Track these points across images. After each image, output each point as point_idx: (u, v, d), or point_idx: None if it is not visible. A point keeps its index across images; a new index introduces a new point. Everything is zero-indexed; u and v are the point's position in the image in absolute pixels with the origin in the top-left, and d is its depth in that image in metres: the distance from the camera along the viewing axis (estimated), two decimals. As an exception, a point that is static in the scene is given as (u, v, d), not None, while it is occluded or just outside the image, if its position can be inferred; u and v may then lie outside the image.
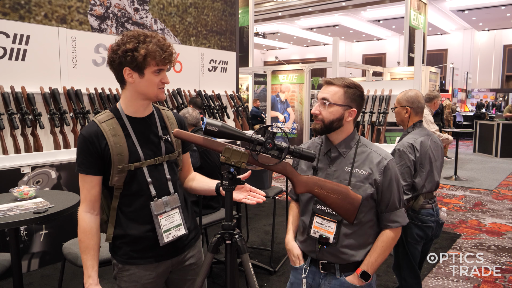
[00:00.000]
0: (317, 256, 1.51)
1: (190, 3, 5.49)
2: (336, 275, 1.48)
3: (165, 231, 1.42)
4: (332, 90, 1.45)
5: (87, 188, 1.37)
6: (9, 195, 2.30)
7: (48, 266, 3.31)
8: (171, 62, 1.39)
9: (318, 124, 1.47)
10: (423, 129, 2.37)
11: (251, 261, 1.45)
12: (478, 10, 15.51)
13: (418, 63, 4.14)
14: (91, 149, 1.34)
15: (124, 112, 1.42)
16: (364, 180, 1.44)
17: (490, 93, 19.09)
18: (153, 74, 1.35)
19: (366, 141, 1.53)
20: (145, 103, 1.43)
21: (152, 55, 1.32)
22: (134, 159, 1.38)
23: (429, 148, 2.28)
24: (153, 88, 1.37)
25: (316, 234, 1.47)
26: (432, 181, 2.27)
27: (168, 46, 1.37)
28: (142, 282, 1.44)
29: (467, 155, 10.13)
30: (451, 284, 3.10)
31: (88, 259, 1.37)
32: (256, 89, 9.82)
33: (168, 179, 1.46)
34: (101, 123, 1.37)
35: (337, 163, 1.48)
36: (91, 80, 3.75)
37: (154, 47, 1.33)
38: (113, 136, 1.36)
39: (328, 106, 1.44)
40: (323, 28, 19.07)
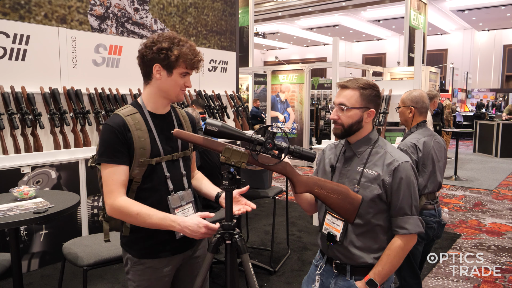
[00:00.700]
0: (328, 254, 1.53)
1: (190, 3, 5.49)
2: (347, 277, 1.47)
3: None
4: (348, 94, 1.46)
5: (117, 176, 1.36)
6: (9, 195, 2.30)
7: (48, 266, 3.31)
8: (198, 68, 1.46)
9: (338, 129, 1.48)
10: (426, 129, 2.35)
11: (251, 261, 1.45)
12: (478, 10, 15.51)
13: (418, 63, 4.14)
14: (120, 138, 1.37)
15: (146, 108, 1.46)
16: (372, 180, 1.42)
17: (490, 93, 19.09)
18: (180, 75, 1.42)
19: (384, 142, 1.51)
20: (165, 102, 1.48)
21: (184, 58, 1.40)
22: (154, 153, 1.43)
23: (432, 148, 2.27)
24: (176, 89, 1.43)
25: (326, 231, 1.49)
26: (434, 181, 2.26)
27: (198, 53, 1.44)
28: (156, 275, 1.48)
29: (467, 155, 10.13)
30: (451, 284, 3.10)
31: (157, 214, 1.35)
32: (256, 89, 9.82)
33: (183, 175, 1.52)
34: (126, 116, 1.41)
35: (351, 162, 1.50)
36: (91, 80, 3.75)
37: (187, 51, 1.40)
38: (137, 130, 1.40)
39: (346, 110, 1.45)
40: (323, 28, 19.07)
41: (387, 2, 13.85)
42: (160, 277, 1.49)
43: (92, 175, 3.52)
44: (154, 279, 1.48)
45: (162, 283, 1.51)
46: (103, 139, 1.38)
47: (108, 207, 1.37)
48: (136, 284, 1.49)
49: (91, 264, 2.05)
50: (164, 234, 1.45)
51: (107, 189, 1.37)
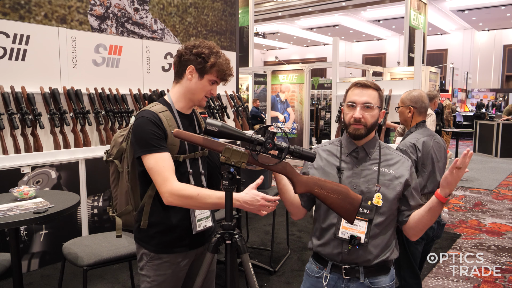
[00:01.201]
0: (342, 259, 1.46)
1: (190, 3, 5.49)
2: (360, 279, 1.45)
3: (198, 220, 1.53)
4: (371, 93, 1.47)
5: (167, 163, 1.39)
6: (9, 195, 2.30)
7: (48, 266, 3.31)
8: (227, 81, 1.54)
9: (361, 129, 1.46)
10: (426, 129, 2.36)
11: (251, 261, 1.45)
12: (478, 10, 15.51)
13: (418, 63, 4.13)
14: (159, 128, 1.42)
15: (175, 107, 1.53)
16: (392, 178, 1.46)
17: (490, 93, 19.09)
18: (209, 82, 1.50)
19: (385, 144, 1.58)
20: (189, 103, 1.55)
21: (218, 67, 1.48)
22: (181, 150, 1.50)
23: (432, 148, 2.28)
24: (201, 93, 1.51)
25: (346, 234, 1.44)
26: (434, 181, 2.26)
27: (231, 68, 1.54)
28: (172, 270, 1.51)
29: (467, 155, 10.11)
30: (451, 284, 3.10)
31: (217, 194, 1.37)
32: (256, 89, 9.81)
33: (202, 173, 1.58)
34: (159, 113, 1.46)
35: (363, 163, 1.50)
36: (91, 80, 3.75)
37: (223, 62, 1.49)
38: (169, 126, 1.46)
39: (372, 109, 1.46)
40: (323, 28, 19.07)
41: (387, 2, 13.85)
42: (176, 272, 1.53)
43: (92, 175, 3.52)
44: (169, 274, 1.51)
45: (177, 278, 1.54)
46: (144, 131, 1.40)
47: (167, 194, 1.36)
48: (151, 279, 1.50)
49: (91, 264, 2.06)
50: (182, 229, 1.51)
51: (161, 177, 1.37)
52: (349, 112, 1.48)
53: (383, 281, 1.47)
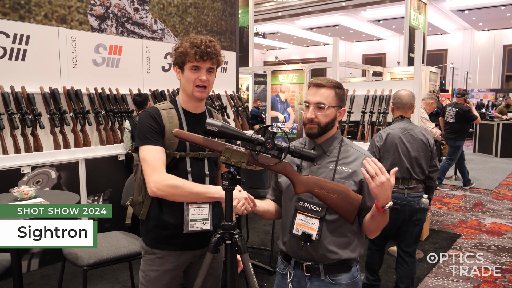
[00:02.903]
0: (301, 255, 1.48)
1: (190, 3, 5.49)
2: (321, 277, 1.46)
3: (191, 220, 1.50)
4: (325, 92, 1.46)
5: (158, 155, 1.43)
6: (9, 195, 2.30)
7: (48, 266, 3.31)
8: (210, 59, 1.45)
9: (314, 128, 1.46)
10: (402, 123, 2.66)
11: (251, 261, 1.45)
12: (478, 10, 15.50)
13: (418, 63, 4.13)
14: (157, 123, 1.46)
15: (181, 106, 1.55)
16: (347, 177, 1.44)
17: (490, 93, 19.08)
18: (190, 71, 1.47)
19: (348, 141, 1.56)
20: (194, 103, 1.54)
21: (186, 52, 1.44)
22: (181, 148, 1.50)
23: (399, 139, 2.59)
24: (189, 85, 1.48)
25: (299, 231, 1.45)
26: (401, 169, 2.56)
27: (202, 43, 1.44)
28: (165, 267, 1.52)
29: (467, 155, 10.11)
30: (451, 284, 3.10)
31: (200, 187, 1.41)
32: (256, 89, 9.81)
33: (206, 174, 1.56)
34: (162, 110, 1.51)
35: (320, 161, 1.48)
36: (91, 80, 3.75)
37: (187, 45, 1.45)
38: (169, 123, 1.49)
39: (325, 109, 1.45)
40: (323, 28, 19.05)
41: (387, 2, 13.84)
42: (168, 271, 1.52)
43: (92, 175, 3.52)
44: (162, 271, 1.52)
45: (169, 278, 1.53)
46: (142, 124, 1.46)
47: (154, 184, 1.39)
48: (145, 274, 1.53)
49: (91, 264, 2.06)
50: (176, 228, 1.50)
51: (150, 167, 1.41)
52: (305, 112, 1.49)
53: (343, 278, 1.47)
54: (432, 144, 2.65)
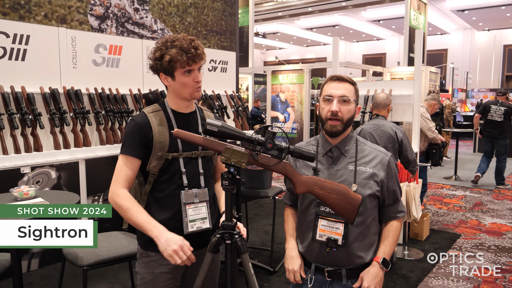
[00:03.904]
0: (324, 262, 1.46)
1: (190, 3, 5.49)
2: (343, 281, 1.45)
3: (190, 221, 1.50)
4: (348, 87, 1.43)
5: (127, 169, 1.46)
6: (9, 195, 2.30)
7: (48, 266, 3.31)
8: (200, 60, 1.46)
9: (338, 125, 1.41)
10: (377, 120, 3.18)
11: (251, 261, 1.45)
12: (478, 10, 15.49)
13: (418, 63, 4.13)
14: (139, 134, 1.46)
15: (169, 107, 1.53)
16: (368, 177, 1.43)
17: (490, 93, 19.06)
18: (183, 75, 1.45)
19: (363, 139, 1.53)
20: (184, 102, 1.53)
21: (175, 59, 1.41)
22: (173, 149, 1.49)
23: (369, 133, 3.06)
24: (187, 89, 1.47)
25: (323, 237, 1.42)
26: None
27: (190, 47, 1.42)
28: (161, 270, 1.50)
29: (467, 155, 10.12)
30: (451, 284, 3.10)
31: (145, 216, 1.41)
32: (256, 89, 9.80)
33: (200, 173, 1.54)
34: (149, 114, 1.50)
35: (339, 162, 1.46)
36: (91, 80, 3.75)
37: (175, 51, 1.41)
38: (158, 125, 1.48)
39: (348, 102, 1.41)
40: (323, 28, 19.05)
41: (387, 2, 13.83)
42: (164, 273, 1.50)
43: (92, 175, 3.52)
44: (158, 274, 1.50)
45: (166, 279, 1.51)
46: (125, 133, 1.49)
47: (110, 193, 1.45)
48: (141, 276, 1.52)
49: (91, 264, 2.05)
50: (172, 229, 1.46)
51: (115, 177, 1.46)
52: (325, 106, 1.42)
53: None
54: (400, 138, 3.06)
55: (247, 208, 4.28)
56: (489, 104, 6.40)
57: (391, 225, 1.49)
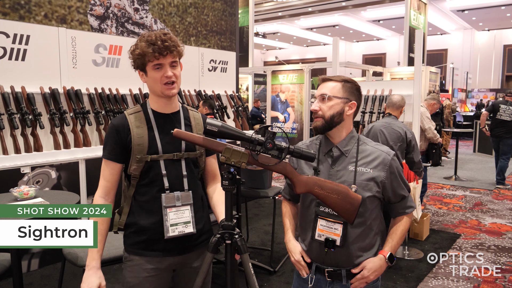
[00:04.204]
0: (324, 262, 1.46)
1: (190, 3, 5.49)
2: (343, 282, 1.45)
3: (171, 225, 1.45)
4: (330, 85, 1.44)
5: (108, 174, 1.46)
6: (9, 195, 2.30)
7: (48, 266, 3.31)
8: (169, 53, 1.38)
9: (318, 121, 1.42)
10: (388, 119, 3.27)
11: (251, 261, 1.44)
12: (478, 10, 15.50)
13: (418, 63, 4.13)
14: (116, 137, 1.44)
15: (150, 107, 1.50)
16: (369, 178, 1.41)
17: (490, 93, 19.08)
18: (153, 70, 1.41)
19: (364, 138, 1.51)
20: (163, 101, 1.49)
21: (144, 52, 1.37)
22: (152, 151, 1.45)
23: (380, 130, 3.16)
24: (156, 85, 1.43)
25: (322, 237, 1.42)
26: None
27: (158, 39, 1.36)
28: (144, 275, 1.47)
29: (467, 155, 10.12)
30: (451, 284, 3.10)
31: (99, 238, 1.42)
32: (256, 89, 9.81)
33: (184, 176, 1.49)
34: (129, 115, 1.47)
35: (339, 162, 1.45)
36: (91, 80, 3.75)
37: (143, 44, 1.37)
38: (137, 127, 1.44)
39: (328, 100, 1.41)
40: (323, 28, 19.06)
41: (387, 2, 13.84)
42: (148, 277, 1.47)
43: (92, 175, 3.52)
44: (142, 278, 1.47)
45: (151, 284, 1.48)
46: (105, 137, 1.48)
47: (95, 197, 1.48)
48: (127, 280, 1.49)
49: (91, 264, 2.05)
50: (155, 233, 1.46)
51: (99, 182, 1.48)
52: None
53: None
54: (409, 139, 3.15)
55: (247, 208, 4.28)
56: (499, 104, 6.53)
57: (400, 220, 1.50)
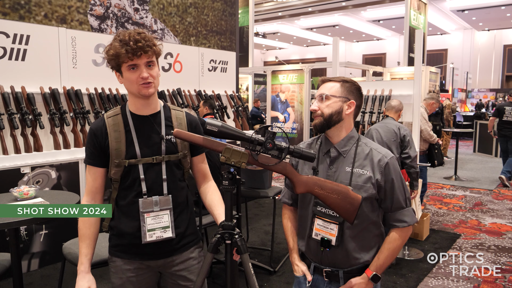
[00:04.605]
0: (322, 261, 1.46)
1: (190, 3, 5.49)
2: (340, 284, 1.45)
3: (149, 230, 1.43)
4: (329, 85, 1.45)
5: (91, 179, 1.47)
6: (9, 195, 2.30)
7: (48, 266, 3.31)
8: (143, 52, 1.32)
9: (317, 119, 1.43)
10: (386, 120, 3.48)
11: (251, 261, 1.44)
12: (478, 10, 15.50)
13: (418, 63, 4.13)
14: (95, 142, 1.43)
15: (128, 109, 1.46)
16: (365, 180, 1.40)
17: (490, 93, 19.09)
18: (128, 71, 1.36)
19: (366, 139, 1.50)
20: (141, 101, 1.44)
21: (118, 53, 1.32)
22: (130, 155, 1.42)
23: (375, 130, 3.35)
24: (133, 85, 1.38)
25: (318, 236, 1.42)
26: None
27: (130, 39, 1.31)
28: (127, 275, 1.48)
29: (467, 155, 10.12)
30: (451, 284, 3.10)
31: (83, 246, 1.43)
32: (256, 89, 9.81)
33: (164, 179, 1.45)
34: (107, 118, 1.44)
35: (337, 163, 1.44)
36: (91, 80, 3.75)
37: (117, 45, 1.32)
38: (114, 131, 1.42)
39: (326, 99, 1.42)
40: (323, 28, 19.07)
41: (387, 2, 13.84)
42: (131, 278, 1.48)
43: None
44: (125, 279, 1.48)
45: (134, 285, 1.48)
46: (86, 142, 1.47)
47: None
48: (112, 280, 1.52)
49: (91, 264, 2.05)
50: (133, 238, 1.44)
51: (85, 188, 1.50)
52: None
53: None
54: (403, 134, 3.31)
55: (247, 208, 4.28)
56: (503, 106, 6.76)
57: (390, 235, 1.44)
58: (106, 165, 1.45)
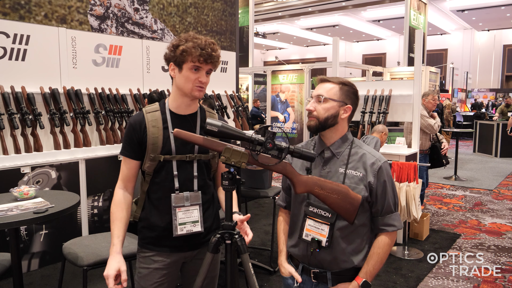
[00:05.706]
0: (309, 262, 1.46)
1: (190, 3, 5.49)
2: (328, 285, 1.44)
3: (180, 224, 1.50)
4: (327, 86, 1.43)
5: (125, 168, 1.52)
6: (9, 195, 2.30)
7: (48, 266, 3.31)
8: (212, 62, 1.44)
9: (312, 121, 1.43)
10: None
11: (251, 261, 1.44)
12: (478, 10, 15.51)
13: (418, 63, 4.13)
14: (133, 135, 1.49)
15: (168, 107, 1.52)
16: (358, 181, 1.40)
17: (490, 93, 19.09)
18: (190, 70, 1.44)
19: (359, 142, 1.50)
20: (186, 100, 1.51)
21: (189, 52, 1.41)
22: (166, 151, 1.49)
23: None
24: (188, 84, 1.45)
25: (308, 237, 1.42)
26: None
27: (207, 46, 1.42)
28: (155, 266, 1.54)
29: (467, 155, 10.13)
30: (451, 284, 3.10)
31: (115, 229, 1.48)
32: (256, 89, 9.81)
33: (194, 177, 1.53)
34: (147, 113, 1.51)
35: (330, 164, 1.45)
36: (91, 80, 3.75)
37: (191, 45, 1.41)
38: (153, 126, 1.48)
39: (323, 101, 1.41)
40: (323, 28, 19.07)
41: (387, 2, 13.85)
42: (158, 269, 1.53)
43: (92, 175, 3.52)
44: (152, 269, 1.54)
45: (160, 276, 1.54)
46: (124, 134, 1.53)
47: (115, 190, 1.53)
48: (138, 270, 1.57)
49: (91, 264, 2.05)
50: (163, 230, 1.52)
51: (119, 176, 1.54)
52: None
53: None
54: None
55: (247, 208, 4.28)
56: None
57: (378, 240, 1.43)
58: (140, 158, 1.51)
